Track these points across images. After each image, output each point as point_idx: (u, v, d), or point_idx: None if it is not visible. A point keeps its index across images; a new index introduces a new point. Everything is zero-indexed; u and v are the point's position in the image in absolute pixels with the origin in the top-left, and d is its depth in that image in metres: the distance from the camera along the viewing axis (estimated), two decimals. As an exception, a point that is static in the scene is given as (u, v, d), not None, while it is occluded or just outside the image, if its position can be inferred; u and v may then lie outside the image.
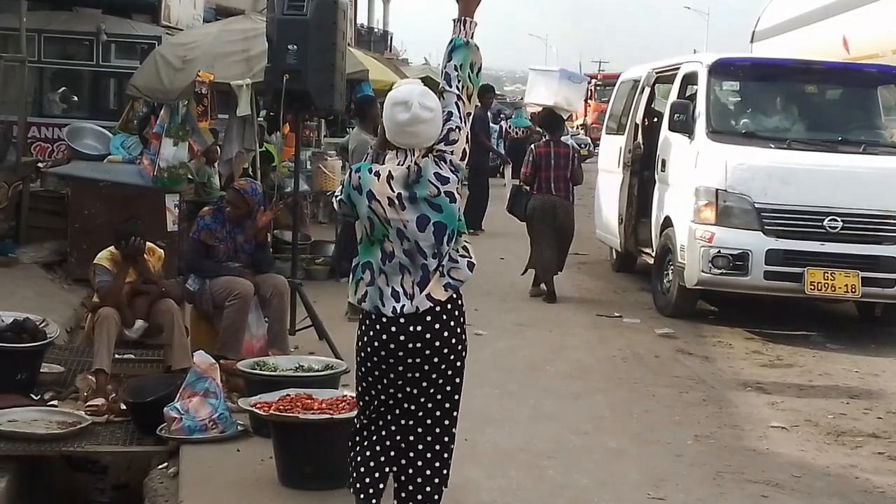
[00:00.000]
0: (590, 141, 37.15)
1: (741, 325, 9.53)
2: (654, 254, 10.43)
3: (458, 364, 4.02)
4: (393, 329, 3.92)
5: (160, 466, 5.24)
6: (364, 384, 4.06)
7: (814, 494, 5.33)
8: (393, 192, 3.89)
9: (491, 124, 17.70)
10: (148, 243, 6.80)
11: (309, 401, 4.99)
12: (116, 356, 6.41)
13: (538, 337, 8.77)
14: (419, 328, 3.91)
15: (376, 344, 3.95)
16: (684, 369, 7.88)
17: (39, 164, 11.27)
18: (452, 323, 3.96)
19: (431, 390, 3.99)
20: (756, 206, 9.01)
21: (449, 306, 3.96)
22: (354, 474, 4.07)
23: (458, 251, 3.98)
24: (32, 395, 6.08)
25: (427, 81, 23.66)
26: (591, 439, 6.04)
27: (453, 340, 3.96)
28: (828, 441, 6.29)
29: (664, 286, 9.99)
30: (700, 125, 9.62)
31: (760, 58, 10.53)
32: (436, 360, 3.94)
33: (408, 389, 3.99)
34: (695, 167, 9.50)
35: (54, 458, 5.68)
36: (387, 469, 4.05)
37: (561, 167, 10.29)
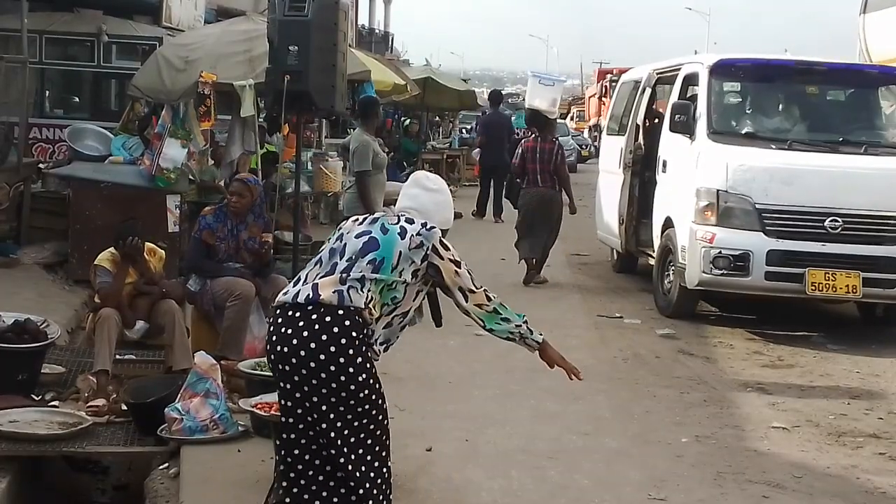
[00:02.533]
0: (590, 141, 37.19)
1: (742, 326, 9.53)
2: (655, 254, 10.44)
3: (334, 387, 3.67)
4: (271, 328, 3.82)
5: (161, 467, 5.24)
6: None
7: (815, 495, 5.33)
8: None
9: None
10: (149, 244, 6.81)
11: (310, 401, 4.98)
12: (117, 357, 6.41)
13: (539, 338, 8.75)
14: (288, 329, 3.72)
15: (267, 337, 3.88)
16: (685, 370, 7.88)
17: (41, 165, 11.30)
18: (325, 337, 3.66)
19: (297, 396, 3.74)
20: (757, 206, 9.01)
21: (328, 319, 3.68)
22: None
23: (368, 290, 3.76)
24: (33, 396, 6.08)
25: (428, 82, 23.61)
26: (592, 440, 6.04)
27: (321, 356, 3.65)
28: (829, 442, 6.28)
29: (665, 287, 9.99)
30: (701, 126, 9.61)
31: (761, 58, 10.50)
32: (303, 371, 3.68)
33: (282, 402, 3.83)
34: (696, 168, 9.50)
35: (55, 459, 5.69)
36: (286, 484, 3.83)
37: (545, 161, 11.21)
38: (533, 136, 11.77)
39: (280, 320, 3.78)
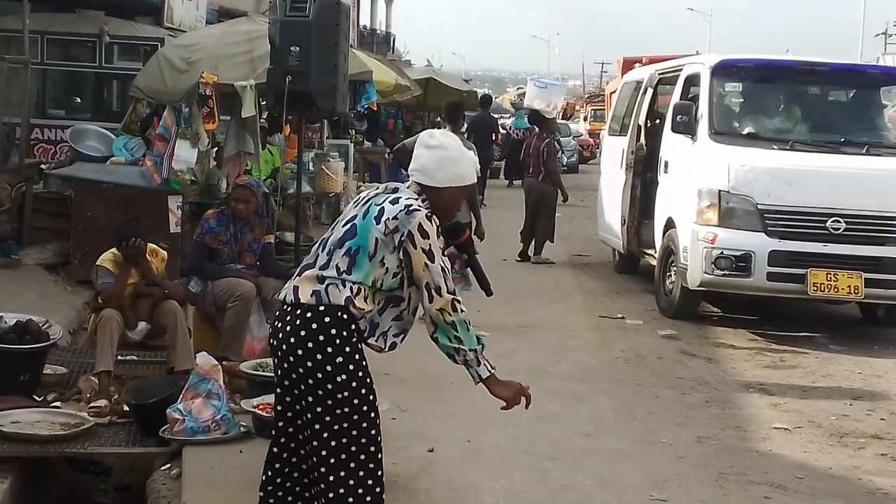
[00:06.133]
0: (592, 143, 37.15)
1: (744, 327, 9.53)
2: (656, 255, 10.43)
3: (311, 383, 3.56)
4: (272, 322, 3.80)
5: (163, 468, 5.23)
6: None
7: (817, 496, 5.33)
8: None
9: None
10: (151, 245, 6.80)
11: (311, 402, 4.98)
12: (119, 357, 6.41)
13: (541, 338, 8.77)
14: (279, 324, 3.67)
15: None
16: (687, 371, 7.88)
17: (42, 166, 11.30)
18: (304, 333, 3.55)
19: (287, 399, 3.67)
20: (759, 207, 9.01)
21: (309, 315, 3.57)
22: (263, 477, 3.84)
23: (352, 281, 3.58)
24: (35, 397, 6.08)
25: (429, 83, 23.98)
26: (594, 441, 6.04)
27: (299, 352, 3.55)
28: (831, 442, 6.28)
29: (667, 287, 9.99)
30: (703, 126, 9.61)
31: (763, 59, 10.50)
32: (285, 364, 3.61)
33: (277, 390, 3.76)
34: (697, 168, 9.50)
35: (57, 460, 5.68)
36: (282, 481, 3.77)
37: (536, 156, 13.15)
38: (534, 134, 13.70)
39: (277, 315, 3.75)
